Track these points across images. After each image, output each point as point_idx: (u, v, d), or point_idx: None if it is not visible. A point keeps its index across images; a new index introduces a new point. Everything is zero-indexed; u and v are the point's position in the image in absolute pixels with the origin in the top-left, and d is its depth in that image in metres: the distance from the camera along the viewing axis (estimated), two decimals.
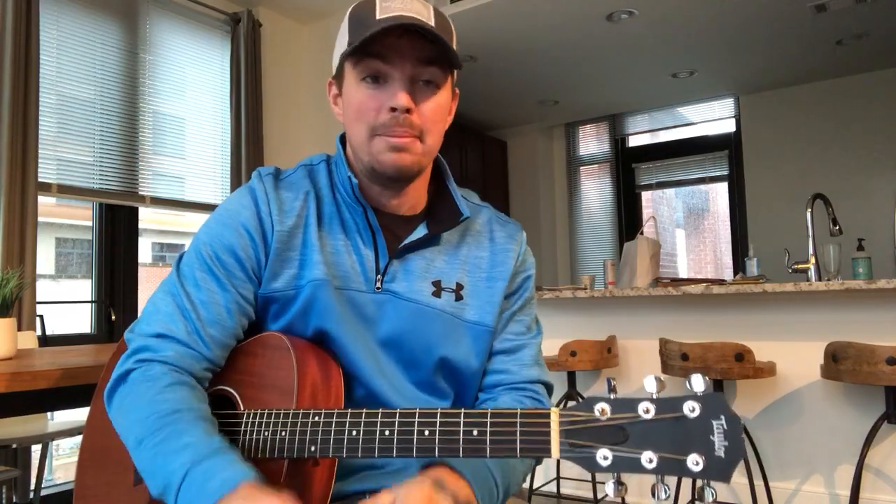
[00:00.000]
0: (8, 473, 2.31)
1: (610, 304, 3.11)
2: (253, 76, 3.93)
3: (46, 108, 3.07)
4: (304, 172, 0.97)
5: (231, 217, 0.91)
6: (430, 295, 0.93)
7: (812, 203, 2.83)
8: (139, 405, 0.80)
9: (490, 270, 0.97)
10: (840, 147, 5.07)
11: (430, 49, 0.85)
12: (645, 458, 0.63)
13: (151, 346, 0.85)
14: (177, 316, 0.86)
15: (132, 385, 0.83)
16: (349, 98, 0.89)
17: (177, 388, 0.81)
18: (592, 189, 6.38)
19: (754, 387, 2.75)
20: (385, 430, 0.73)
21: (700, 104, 5.82)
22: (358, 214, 0.93)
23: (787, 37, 4.35)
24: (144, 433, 0.77)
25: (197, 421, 0.77)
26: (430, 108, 0.87)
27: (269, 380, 0.85)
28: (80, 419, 2.46)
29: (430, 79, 0.87)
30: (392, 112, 0.85)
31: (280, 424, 0.79)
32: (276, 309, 0.91)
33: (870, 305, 2.53)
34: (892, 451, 2.49)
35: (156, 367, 0.83)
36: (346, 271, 0.91)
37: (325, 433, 0.76)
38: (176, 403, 0.78)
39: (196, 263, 0.89)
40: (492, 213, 1.03)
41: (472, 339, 0.94)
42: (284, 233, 0.90)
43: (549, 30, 4.17)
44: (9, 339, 1.39)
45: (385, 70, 0.85)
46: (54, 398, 1.24)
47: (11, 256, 2.77)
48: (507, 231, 1.01)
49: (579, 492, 3.03)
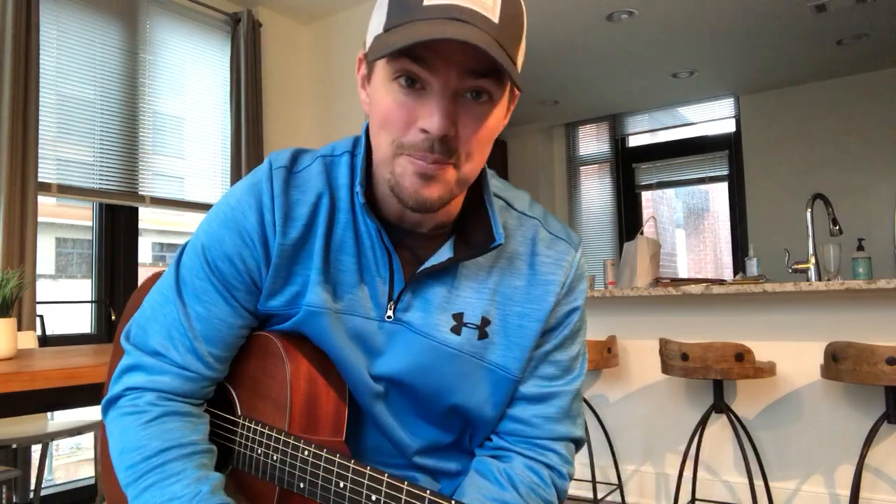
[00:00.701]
0: (8, 473, 2.31)
1: (610, 304, 3.11)
2: (253, 76, 3.93)
3: (46, 108, 3.07)
4: (322, 166, 0.81)
5: (234, 220, 0.79)
6: (449, 331, 0.79)
7: (812, 203, 2.83)
8: (125, 440, 0.76)
9: (525, 305, 0.80)
10: (840, 147, 5.07)
11: (484, 56, 0.63)
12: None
13: (145, 367, 0.79)
14: (174, 331, 0.79)
15: (119, 415, 0.78)
16: (376, 96, 0.71)
17: (165, 420, 0.76)
18: (592, 189, 6.38)
19: (754, 387, 2.75)
20: (372, 494, 0.69)
21: (700, 104, 5.82)
22: (374, 228, 0.78)
23: (787, 37, 4.35)
24: (129, 478, 0.74)
25: (185, 462, 0.73)
26: (475, 130, 0.69)
27: (265, 388, 0.81)
28: (80, 419, 2.46)
29: (482, 89, 0.68)
30: (424, 135, 0.68)
31: (272, 448, 0.77)
32: (275, 321, 0.84)
33: (870, 305, 2.53)
34: (892, 451, 2.49)
35: (146, 396, 0.78)
36: (354, 294, 0.79)
37: (312, 475, 0.73)
38: (163, 441, 0.74)
39: (196, 269, 0.80)
40: (540, 227, 0.84)
41: (491, 384, 0.80)
42: (287, 246, 0.78)
43: (549, 30, 4.17)
44: (9, 339, 1.39)
45: (423, 77, 0.67)
46: (54, 398, 1.24)
47: (11, 256, 2.77)
48: (555, 253, 0.82)
49: (579, 492, 3.03)
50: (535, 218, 0.84)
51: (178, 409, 0.79)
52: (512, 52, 0.67)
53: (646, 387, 3.03)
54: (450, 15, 0.64)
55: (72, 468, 3.72)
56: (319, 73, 4.33)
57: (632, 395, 3.05)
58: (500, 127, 0.74)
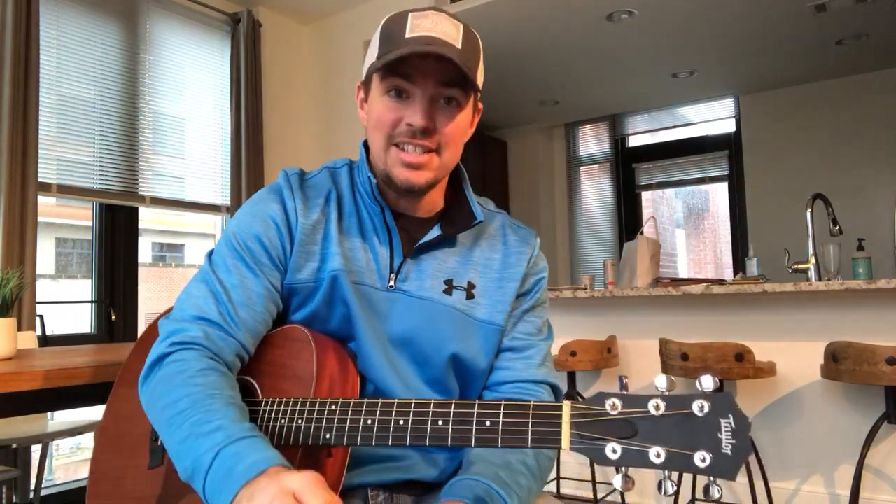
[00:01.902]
0: (8, 473, 2.31)
1: (610, 304, 3.11)
2: (253, 76, 3.93)
3: (46, 108, 3.07)
4: (328, 174, 1.02)
5: (259, 209, 0.96)
6: (442, 293, 0.96)
7: (812, 203, 2.83)
8: (172, 389, 0.81)
9: (502, 272, 0.99)
10: (840, 147, 5.07)
11: (453, 71, 0.88)
12: (653, 453, 0.64)
13: (185, 329, 0.87)
14: (209, 298, 0.89)
15: (166, 369, 0.84)
16: (373, 107, 0.94)
17: (209, 373, 0.82)
18: (592, 189, 6.38)
19: (754, 387, 2.75)
20: (400, 419, 0.75)
21: (700, 104, 5.82)
22: (376, 214, 0.97)
23: (787, 37, 4.35)
24: (175, 416, 0.78)
25: (228, 406, 0.78)
26: (449, 126, 0.91)
27: (290, 370, 0.87)
28: (80, 419, 2.46)
29: (452, 97, 0.91)
30: (409, 127, 0.89)
31: (297, 413, 0.80)
32: (298, 301, 0.94)
33: (870, 305, 2.53)
34: (892, 451, 2.49)
35: (189, 352, 0.85)
36: (362, 267, 0.95)
37: (340, 422, 0.77)
38: (208, 388, 0.80)
39: (226, 251, 0.93)
40: (506, 219, 1.07)
41: (482, 338, 0.96)
42: (308, 226, 0.95)
43: (549, 30, 4.17)
44: (9, 339, 1.39)
45: (407, 88, 0.90)
46: (54, 398, 1.24)
47: (11, 256, 2.77)
48: (521, 236, 1.04)
49: (579, 492, 3.03)
50: (501, 213, 1.08)
51: (219, 367, 0.85)
52: (473, 68, 0.90)
53: (646, 387, 3.03)
54: (426, 42, 0.87)
55: (72, 468, 3.72)
56: (319, 73, 4.34)
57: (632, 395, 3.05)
58: (467, 129, 0.97)
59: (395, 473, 0.91)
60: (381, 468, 0.91)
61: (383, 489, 0.91)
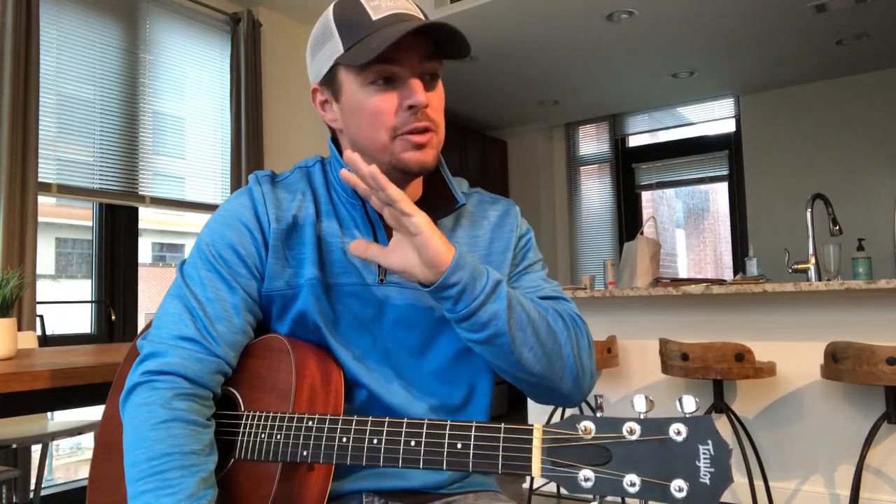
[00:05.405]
0: (8, 473, 2.31)
1: (610, 304, 3.11)
2: (253, 76, 3.93)
3: (46, 108, 3.07)
4: (301, 174, 0.98)
5: (230, 216, 0.92)
6: None
7: (812, 203, 2.83)
8: (135, 440, 0.80)
9: (489, 247, 0.98)
10: (840, 147, 5.07)
11: (428, 43, 0.86)
12: (627, 482, 0.61)
13: (161, 354, 0.84)
14: (185, 315, 0.86)
15: (135, 409, 0.82)
16: (357, 103, 0.88)
17: (173, 425, 0.80)
18: (592, 189, 6.38)
19: (754, 387, 2.75)
20: (374, 438, 0.74)
21: (700, 104, 5.82)
22: (356, 209, 0.94)
23: (787, 37, 4.35)
24: (131, 475, 0.78)
25: (183, 472, 0.77)
26: (437, 100, 0.90)
27: (270, 382, 0.86)
28: (80, 419, 2.46)
29: (434, 72, 0.89)
30: (410, 109, 0.86)
31: (276, 428, 0.81)
32: (277, 310, 0.91)
33: (870, 305, 2.53)
34: (892, 451, 2.49)
35: (159, 390, 0.82)
36: (346, 267, 0.91)
37: (316, 439, 0.78)
38: (167, 446, 0.78)
39: (199, 263, 0.90)
40: (481, 195, 1.05)
41: None
42: (281, 231, 0.91)
43: (549, 30, 4.17)
44: (9, 339, 1.39)
45: (396, 71, 0.85)
46: (54, 398, 1.24)
47: (11, 256, 2.77)
48: (501, 208, 1.02)
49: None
50: (476, 191, 1.06)
51: (186, 415, 0.82)
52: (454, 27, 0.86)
53: (646, 387, 3.03)
54: (397, 20, 0.84)
55: (72, 468, 3.72)
56: None
57: (632, 395, 3.05)
58: None
59: (393, 481, 0.90)
60: (378, 475, 0.90)
61: (378, 495, 0.90)
